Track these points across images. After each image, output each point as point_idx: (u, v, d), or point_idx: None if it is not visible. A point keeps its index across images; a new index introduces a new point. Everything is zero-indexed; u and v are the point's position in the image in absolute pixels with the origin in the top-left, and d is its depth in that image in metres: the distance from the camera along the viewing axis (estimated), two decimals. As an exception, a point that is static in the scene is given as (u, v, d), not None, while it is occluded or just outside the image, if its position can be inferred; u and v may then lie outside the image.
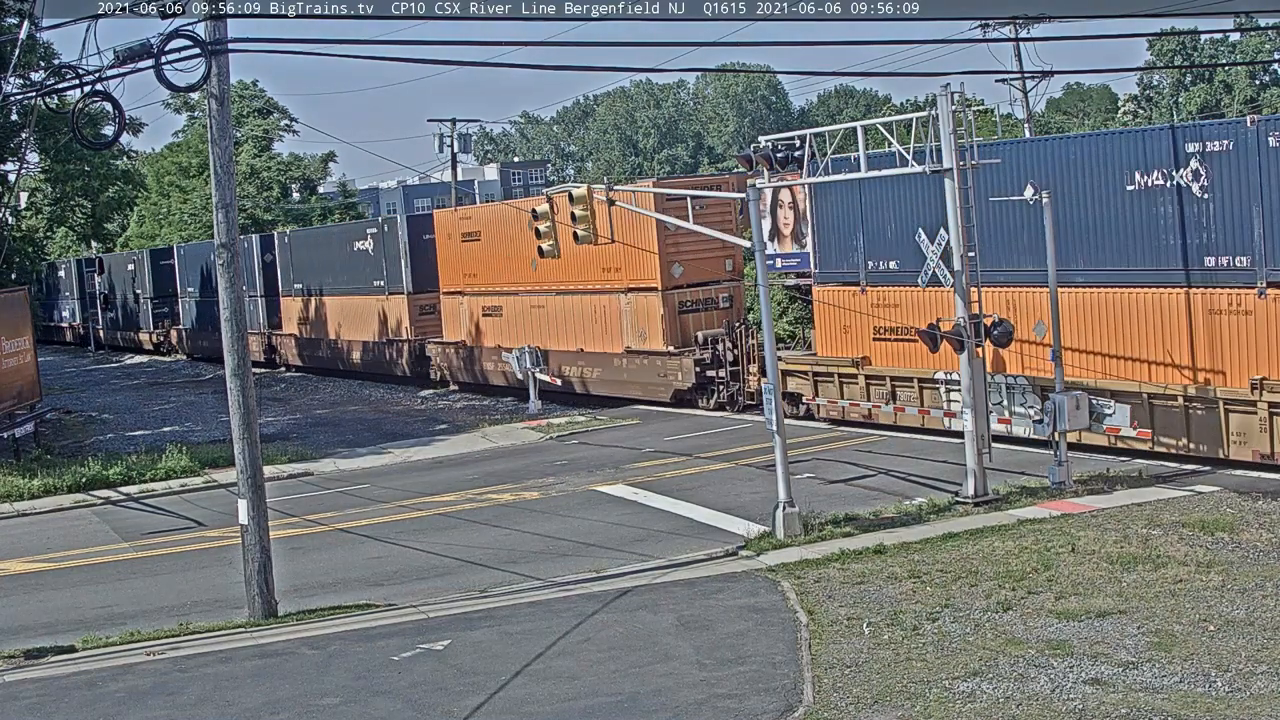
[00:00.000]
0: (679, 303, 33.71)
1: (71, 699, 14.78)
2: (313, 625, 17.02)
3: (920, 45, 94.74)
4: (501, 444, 31.64)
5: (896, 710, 12.46)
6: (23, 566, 22.43)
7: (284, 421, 38.86)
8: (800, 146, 22.18)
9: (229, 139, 17.64)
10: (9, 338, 33.98)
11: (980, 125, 22.33)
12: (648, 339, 34.20)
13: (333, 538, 22.76)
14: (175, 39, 16.32)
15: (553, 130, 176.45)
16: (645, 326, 34.21)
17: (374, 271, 46.68)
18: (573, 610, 16.64)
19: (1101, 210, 23.40)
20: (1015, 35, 49.22)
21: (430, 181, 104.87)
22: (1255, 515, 18.43)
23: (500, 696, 13.72)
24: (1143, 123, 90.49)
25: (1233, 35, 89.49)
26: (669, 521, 21.67)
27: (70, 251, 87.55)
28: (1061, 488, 20.94)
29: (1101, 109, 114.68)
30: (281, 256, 53.83)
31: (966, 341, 20.79)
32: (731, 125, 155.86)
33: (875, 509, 20.64)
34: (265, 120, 77.83)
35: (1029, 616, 14.89)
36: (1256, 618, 14.23)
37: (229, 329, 17.76)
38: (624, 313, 34.98)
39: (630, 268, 34.24)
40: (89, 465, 29.99)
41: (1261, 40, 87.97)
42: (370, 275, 46.99)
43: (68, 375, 60.68)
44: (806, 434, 27.74)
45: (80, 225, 67.10)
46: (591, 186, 26.00)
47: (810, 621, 15.32)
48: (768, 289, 20.55)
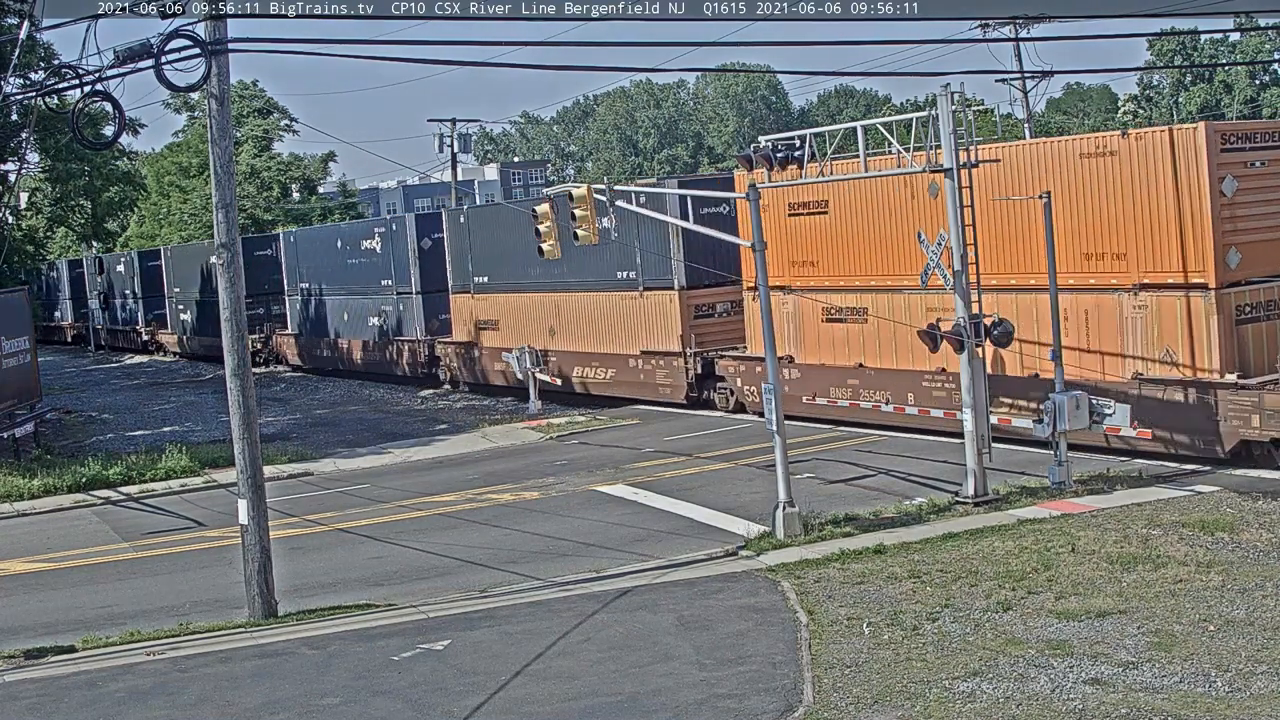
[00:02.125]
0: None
1: (71, 699, 14.77)
2: (313, 625, 17.02)
3: (920, 45, 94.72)
4: (502, 444, 31.64)
5: (896, 710, 12.46)
6: (23, 566, 22.43)
7: (284, 421, 38.86)
8: (800, 146, 22.17)
9: (229, 139, 17.64)
10: (9, 338, 33.98)
11: (980, 125, 22.31)
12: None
13: (333, 538, 22.77)
14: (175, 39, 16.31)
15: (553, 130, 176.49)
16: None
17: (619, 261, 34.33)
18: (573, 610, 16.64)
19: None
20: (1015, 35, 49.24)
21: (430, 181, 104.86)
22: (1255, 515, 18.43)
23: (500, 696, 13.72)
24: (1143, 123, 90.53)
25: (1233, 35, 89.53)
26: (669, 521, 21.67)
27: (70, 252, 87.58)
28: (1061, 488, 20.94)
29: (1101, 109, 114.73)
30: (455, 241, 41.81)
31: (966, 341, 20.79)
32: (731, 125, 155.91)
33: (875, 509, 20.63)
34: (265, 120, 77.84)
35: (1029, 616, 14.89)
36: (1256, 618, 14.23)
37: (229, 329, 17.76)
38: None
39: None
40: (89, 465, 29.99)
41: (1261, 40, 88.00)
42: (613, 266, 34.55)
43: (68, 375, 60.67)
44: (806, 434, 27.75)
45: (80, 225, 67.10)
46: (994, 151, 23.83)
47: (810, 621, 15.32)
48: (768, 288, 20.53)
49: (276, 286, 55.04)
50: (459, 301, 41.85)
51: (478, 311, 40.72)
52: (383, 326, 46.39)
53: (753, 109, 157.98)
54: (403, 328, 45.27)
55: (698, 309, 32.77)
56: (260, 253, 54.67)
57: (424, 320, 44.13)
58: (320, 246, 51.75)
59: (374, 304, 46.80)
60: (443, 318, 43.07)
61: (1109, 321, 23.43)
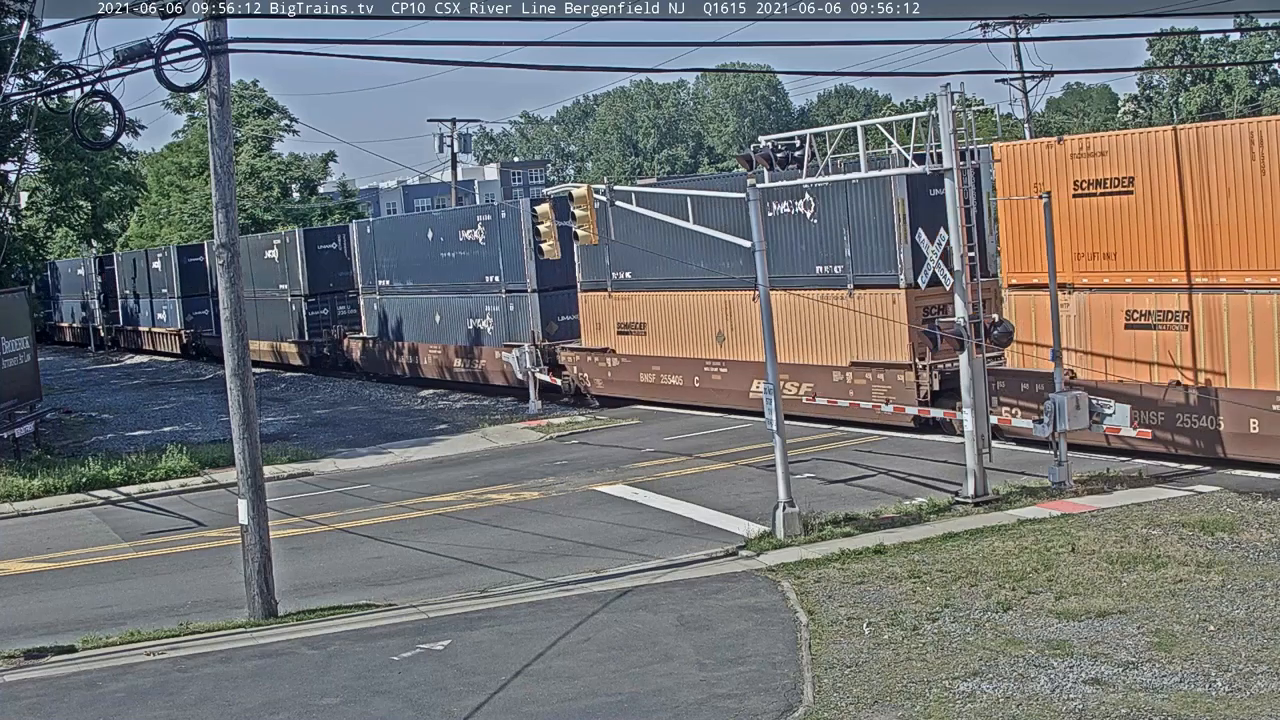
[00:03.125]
0: None
1: (71, 699, 14.77)
2: (313, 625, 17.02)
3: (920, 45, 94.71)
4: (501, 444, 31.64)
5: (896, 710, 12.46)
6: (23, 566, 22.43)
7: (284, 421, 38.86)
8: (800, 146, 22.17)
9: (229, 139, 17.65)
10: (9, 337, 33.99)
11: (980, 125, 22.29)
12: None
13: (333, 538, 22.76)
14: (175, 39, 16.31)
15: (553, 130, 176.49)
16: None
17: (825, 252, 28.69)
18: (573, 610, 16.63)
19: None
20: (1015, 35, 49.27)
21: (430, 181, 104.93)
22: (1255, 515, 18.42)
23: (500, 696, 13.72)
24: (1143, 123, 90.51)
25: (1233, 35, 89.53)
26: (669, 521, 21.67)
27: (70, 252, 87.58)
28: (1061, 488, 20.93)
29: (1101, 109, 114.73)
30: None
31: (966, 341, 20.79)
32: (731, 125, 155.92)
33: (875, 509, 20.63)
34: (265, 120, 77.86)
35: (1029, 616, 14.89)
36: (1256, 618, 14.23)
37: (229, 329, 17.77)
38: None
39: None
40: (89, 465, 30.00)
41: (1261, 40, 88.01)
42: (810, 257, 29.03)
43: (68, 375, 60.67)
44: (807, 434, 27.74)
45: (80, 225, 67.13)
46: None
47: (810, 621, 15.32)
48: (768, 288, 20.53)
49: (344, 283, 49.30)
50: (591, 301, 35.90)
51: (617, 313, 34.92)
52: (486, 330, 39.69)
53: (753, 109, 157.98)
54: (512, 331, 38.22)
55: (928, 311, 26.55)
56: (324, 246, 50.04)
57: (540, 322, 37.57)
58: (405, 238, 44.37)
59: (475, 304, 40.08)
60: (564, 320, 37.42)
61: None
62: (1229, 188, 21.72)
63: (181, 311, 62.17)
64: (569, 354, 36.52)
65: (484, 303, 39.57)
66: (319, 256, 49.45)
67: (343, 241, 49.86)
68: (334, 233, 51.75)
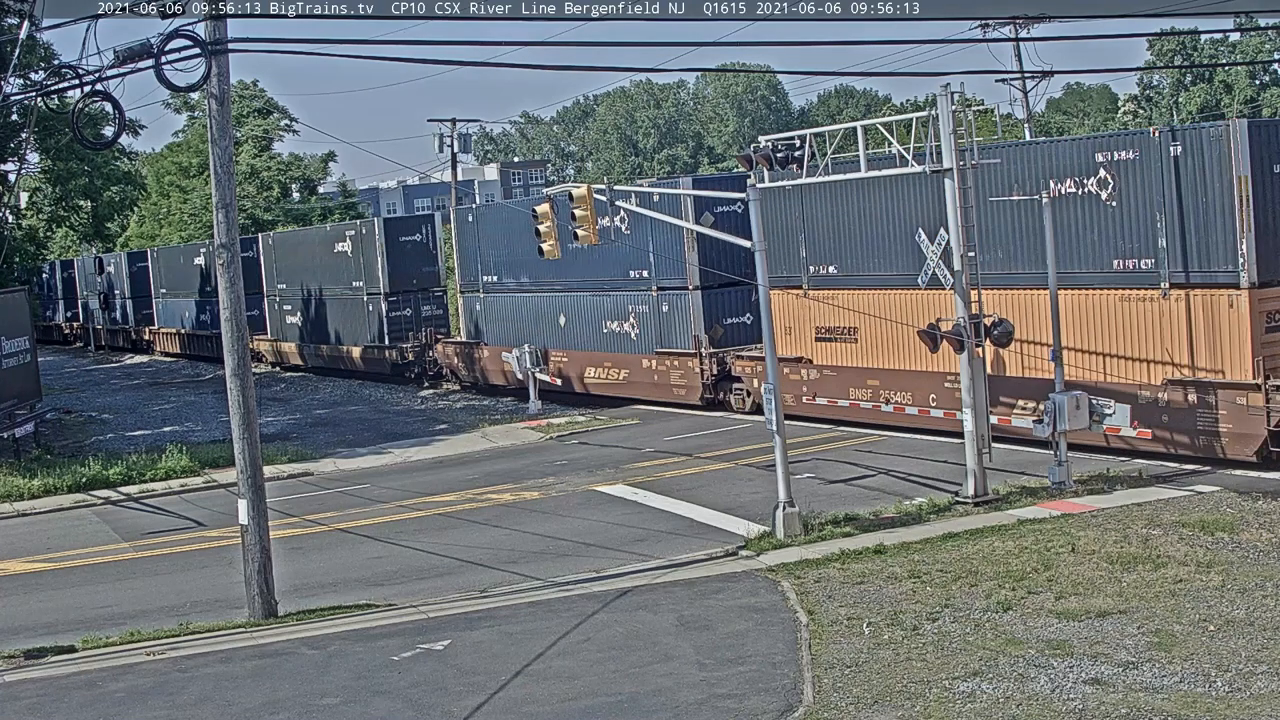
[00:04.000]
0: None
1: (71, 699, 14.77)
2: (313, 625, 17.01)
3: (920, 45, 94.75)
4: (501, 444, 31.63)
5: (896, 710, 12.46)
6: (23, 566, 22.43)
7: (284, 421, 38.85)
8: (800, 146, 22.17)
9: (229, 139, 17.65)
10: (9, 337, 33.99)
11: (980, 125, 22.27)
12: None
13: (333, 538, 22.76)
14: (175, 39, 16.32)
15: (553, 130, 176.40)
16: None
17: (1119, 240, 23.44)
18: (573, 610, 16.63)
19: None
20: (1015, 35, 49.23)
21: (430, 181, 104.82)
22: (1255, 515, 18.43)
23: (500, 696, 13.72)
24: (1143, 123, 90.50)
25: (1233, 35, 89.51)
26: (669, 521, 21.67)
27: (70, 252, 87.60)
28: (1061, 488, 20.93)
29: (1101, 109, 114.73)
30: (773, 218, 28.32)
31: (966, 341, 20.79)
32: (731, 125, 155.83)
33: (875, 509, 20.63)
34: (265, 120, 77.87)
35: (1029, 616, 14.89)
36: (1256, 618, 14.23)
37: (229, 329, 17.77)
38: None
39: None
40: (89, 465, 30.01)
41: (1261, 40, 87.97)
42: (1109, 247, 23.60)
43: (68, 375, 60.67)
44: (807, 434, 27.74)
45: (81, 225, 67.11)
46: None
47: (810, 621, 15.32)
48: (768, 288, 20.53)
49: (429, 280, 45.21)
50: (782, 301, 29.18)
51: (815, 314, 29.52)
52: (629, 334, 34.73)
53: (753, 109, 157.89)
54: (666, 335, 33.52)
55: (1271, 317, 21.84)
56: (407, 238, 45.24)
57: (702, 326, 32.72)
58: (518, 227, 36.18)
59: (614, 304, 35.11)
60: (729, 322, 32.91)
61: None
62: None
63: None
64: (746, 363, 31.26)
65: (626, 302, 34.65)
66: (400, 249, 44.54)
67: (427, 232, 45.30)
68: (418, 223, 46.62)
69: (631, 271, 34.36)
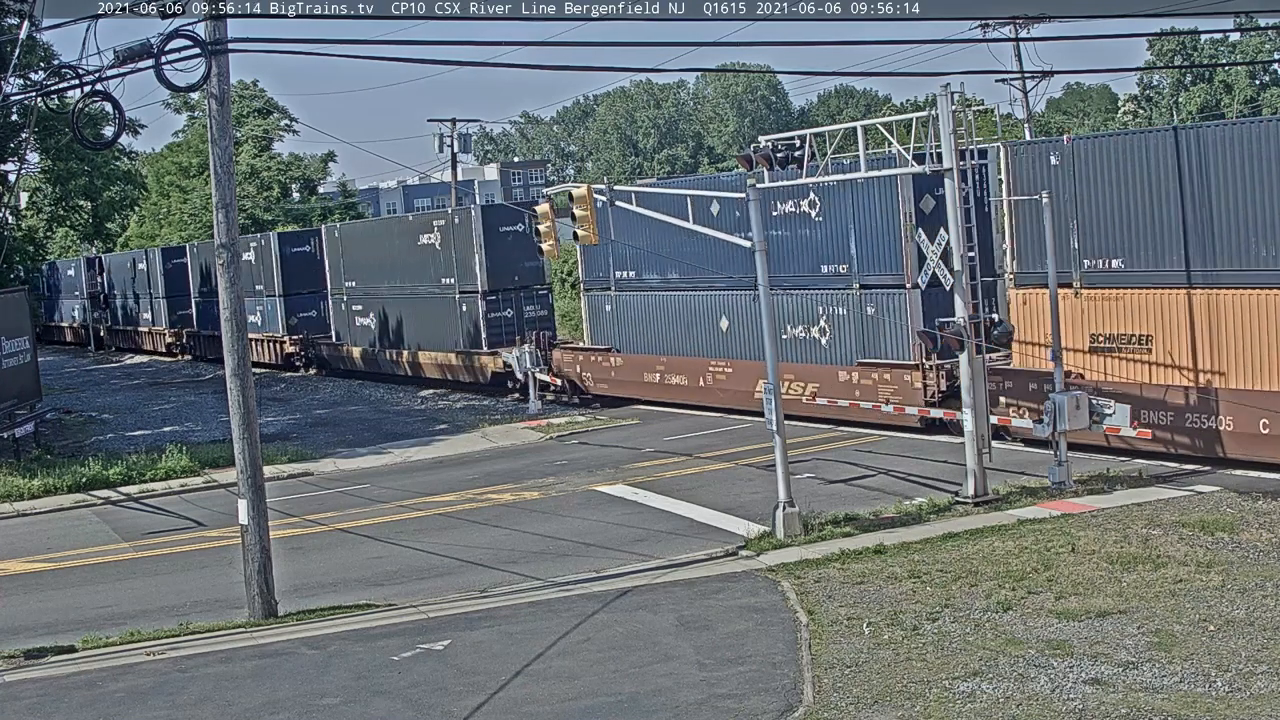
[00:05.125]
0: None
1: (71, 699, 14.77)
2: (313, 625, 17.02)
3: (920, 45, 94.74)
4: (501, 444, 31.64)
5: (896, 710, 12.46)
6: (23, 566, 22.43)
7: (284, 421, 38.85)
8: (800, 146, 22.18)
9: (229, 139, 17.66)
10: (9, 337, 34.00)
11: (980, 125, 22.26)
12: None
13: (333, 538, 22.77)
14: (175, 39, 16.32)
15: (553, 130, 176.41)
16: None
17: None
18: (573, 610, 16.64)
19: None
20: (1015, 35, 49.23)
21: (430, 181, 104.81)
22: (1255, 515, 18.43)
23: (500, 696, 13.72)
24: (1143, 123, 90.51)
25: (1233, 35, 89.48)
26: (669, 521, 21.67)
27: (70, 252, 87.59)
28: (1061, 488, 20.94)
29: (1101, 109, 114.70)
30: (1026, 200, 24.51)
31: (966, 341, 20.79)
32: (731, 125, 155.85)
33: (875, 509, 20.64)
34: (265, 120, 77.90)
35: (1029, 616, 14.89)
36: (1256, 618, 14.23)
37: (229, 329, 17.77)
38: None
39: None
40: (89, 465, 30.00)
41: (1261, 40, 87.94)
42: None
43: (68, 375, 60.66)
44: (807, 434, 27.73)
45: (81, 225, 67.08)
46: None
47: (810, 621, 15.32)
48: (768, 288, 20.52)
49: (532, 277, 39.92)
50: (1035, 302, 24.58)
51: (1090, 319, 24.21)
52: (818, 340, 29.42)
53: (753, 109, 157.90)
54: (871, 343, 28.18)
55: None
56: (507, 229, 39.72)
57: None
58: (671, 213, 26.20)
59: (797, 304, 29.64)
60: (943, 321, 24.55)
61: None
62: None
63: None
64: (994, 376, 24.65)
65: (815, 303, 29.36)
66: (501, 241, 39.31)
67: (530, 223, 35.26)
68: (518, 213, 40.52)
69: (826, 266, 29.19)
